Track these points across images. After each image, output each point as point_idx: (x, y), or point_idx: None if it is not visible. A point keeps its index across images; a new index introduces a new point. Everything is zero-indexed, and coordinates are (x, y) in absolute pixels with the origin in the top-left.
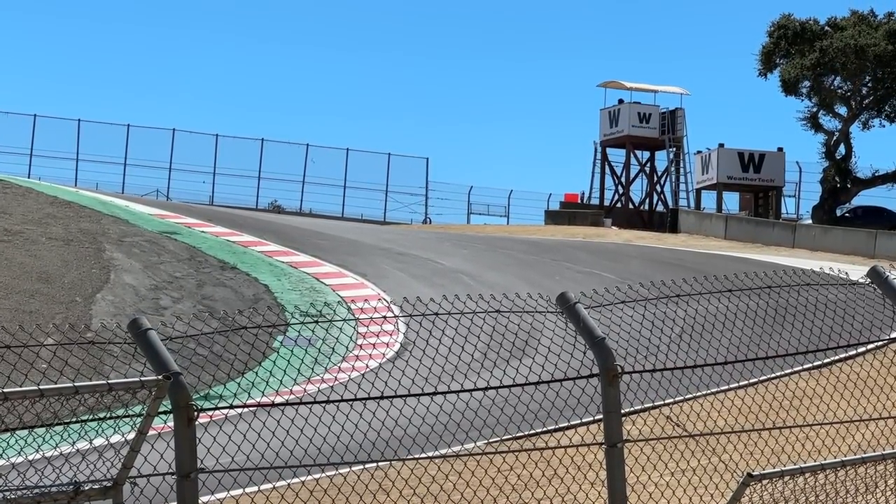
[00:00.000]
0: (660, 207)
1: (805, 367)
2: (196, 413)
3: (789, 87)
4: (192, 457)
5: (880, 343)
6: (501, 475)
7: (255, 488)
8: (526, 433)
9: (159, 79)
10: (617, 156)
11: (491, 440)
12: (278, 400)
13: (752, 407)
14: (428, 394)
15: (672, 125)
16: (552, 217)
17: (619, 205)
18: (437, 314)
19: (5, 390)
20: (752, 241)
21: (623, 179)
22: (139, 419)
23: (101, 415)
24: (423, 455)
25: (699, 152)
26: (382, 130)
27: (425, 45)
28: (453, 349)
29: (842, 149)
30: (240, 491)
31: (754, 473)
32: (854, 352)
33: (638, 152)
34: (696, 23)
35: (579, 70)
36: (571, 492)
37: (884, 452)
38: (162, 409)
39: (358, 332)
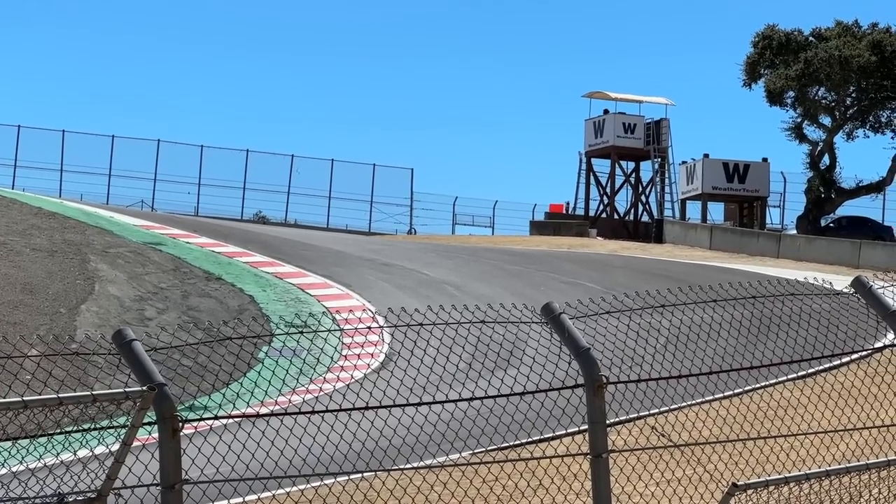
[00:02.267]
0: (645, 218)
1: (790, 377)
2: (181, 424)
3: (774, 98)
4: (177, 468)
5: (864, 353)
6: (487, 486)
7: (240, 499)
8: (511, 444)
9: (144, 90)
10: (602, 166)
11: (476, 451)
12: (263, 411)
13: (737, 417)
14: (413, 404)
15: (657, 135)
16: (537, 227)
17: (604, 215)
18: (422, 325)
19: None
20: (737, 251)
21: (608, 190)
22: (124, 430)
23: (86, 426)
24: (409, 466)
25: (684, 162)
26: (367, 141)
27: (409, 55)
28: (438, 360)
29: (826, 159)
30: (224, 502)
31: (739, 483)
32: (838, 361)
33: (623, 163)
34: (681, 33)
35: (564, 80)
36: (557, 502)
37: (868, 462)
38: (147, 420)
39: (343, 343)
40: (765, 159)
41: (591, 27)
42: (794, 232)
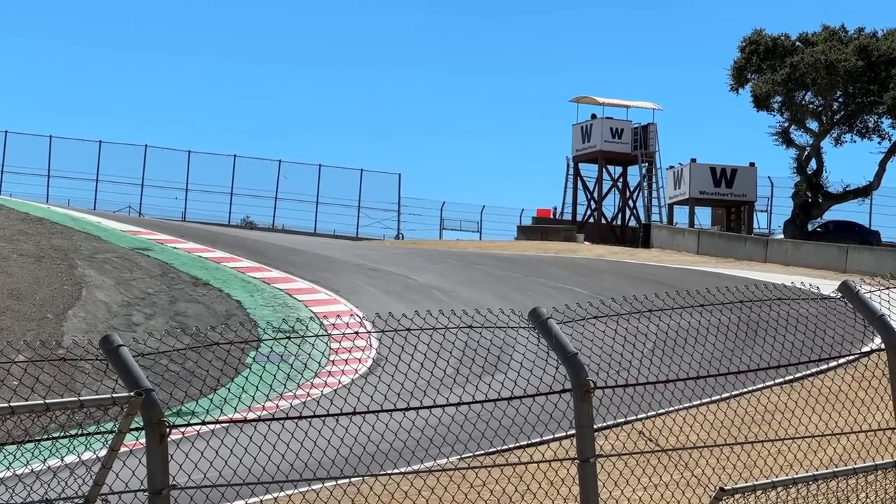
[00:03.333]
0: (632, 222)
1: (777, 381)
2: (168, 429)
3: (761, 103)
4: (165, 473)
5: (851, 357)
6: (474, 490)
7: None
8: (499, 448)
9: (131, 95)
10: (589, 171)
11: (464, 455)
12: (251, 416)
13: (725, 421)
14: (400, 409)
15: (644, 140)
16: (525, 232)
17: (591, 220)
18: (409, 330)
19: None
20: (725, 255)
21: (595, 194)
22: (111, 436)
23: (73, 432)
24: (396, 471)
25: (671, 167)
26: (354, 146)
27: (397, 61)
28: (426, 364)
29: (813, 164)
30: None
31: (726, 488)
32: (826, 366)
33: (610, 167)
34: (669, 38)
35: (552, 85)
36: None
37: (855, 466)
38: (134, 425)
39: (330, 348)
40: (752, 164)
41: (579, 32)
42: (782, 236)
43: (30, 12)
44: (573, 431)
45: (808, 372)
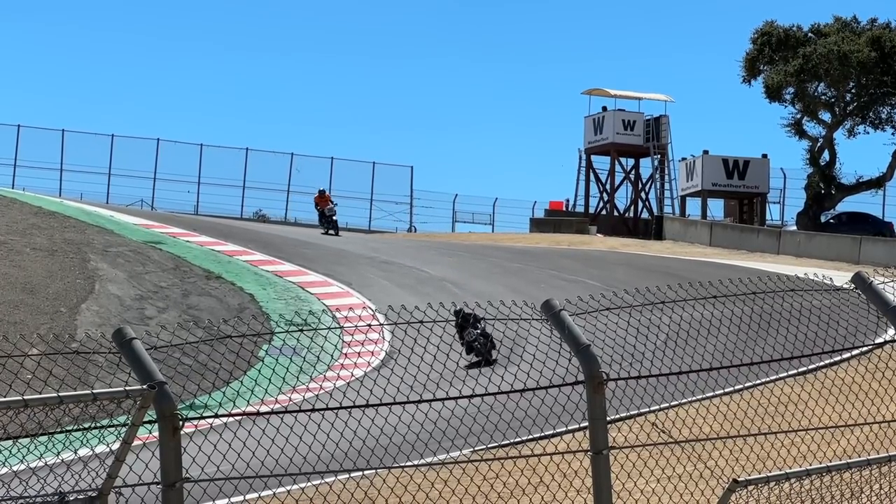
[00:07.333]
0: (645, 215)
1: (790, 373)
2: (181, 422)
3: (773, 94)
4: (178, 466)
5: (865, 349)
6: (487, 483)
7: (241, 498)
8: (512, 441)
9: (143, 88)
10: (602, 163)
11: (477, 448)
12: (264, 409)
13: (738, 413)
14: (414, 402)
15: (657, 132)
16: (537, 225)
17: (604, 212)
18: (422, 322)
19: None
20: (737, 247)
21: (608, 187)
22: (124, 429)
23: (86, 425)
24: (409, 463)
25: (684, 159)
26: (366, 139)
27: (409, 53)
28: (438, 357)
29: (826, 155)
30: (225, 501)
31: (740, 480)
32: (839, 357)
33: (623, 159)
34: (681, 29)
35: (564, 77)
36: (557, 499)
37: (869, 458)
38: (147, 418)
39: (343, 341)
40: (764, 155)
41: (591, 24)
42: (794, 228)
43: (40, 6)
44: (586, 423)
45: (822, 363)
